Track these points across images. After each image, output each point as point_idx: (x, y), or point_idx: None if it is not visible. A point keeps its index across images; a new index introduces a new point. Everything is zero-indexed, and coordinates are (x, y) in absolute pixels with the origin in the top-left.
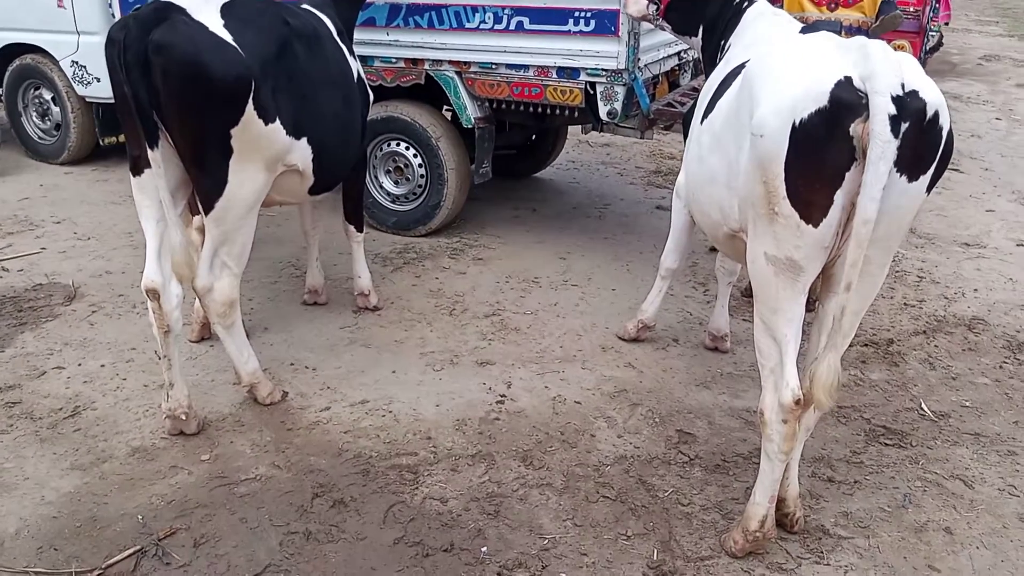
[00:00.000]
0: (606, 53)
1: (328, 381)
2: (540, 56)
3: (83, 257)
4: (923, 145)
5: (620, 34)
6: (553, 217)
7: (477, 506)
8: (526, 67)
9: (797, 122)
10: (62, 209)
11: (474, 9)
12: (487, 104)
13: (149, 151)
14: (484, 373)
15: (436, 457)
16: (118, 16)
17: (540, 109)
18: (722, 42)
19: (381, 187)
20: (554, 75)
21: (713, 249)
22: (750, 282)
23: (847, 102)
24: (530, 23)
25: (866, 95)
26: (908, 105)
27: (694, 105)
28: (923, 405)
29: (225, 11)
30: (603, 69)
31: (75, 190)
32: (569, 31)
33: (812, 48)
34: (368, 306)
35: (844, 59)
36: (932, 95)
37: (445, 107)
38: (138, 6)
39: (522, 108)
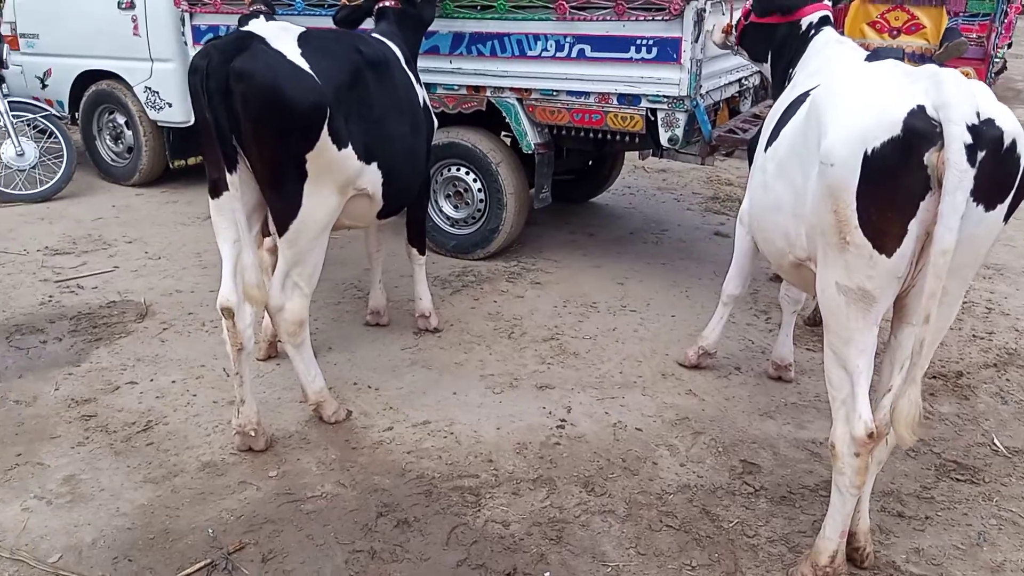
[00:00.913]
0: (668, 80)
1: (390, 401)
2: (601, 83)
3: (154, 276)
4: (1000, 174)
5: (682, 61)
6: (610, 242)
7: (539, 531)
8: (587, 94)
9: (869, 151)
10: (134, 229)
11: (536, 37)
12: (547, 130)
13: (228, 175)
14: (544, 397)
15: (497, 480)
16: (190, 44)
17: (600, 135)
18: (789, 69)
19: (441, 211)
20: (615, 102)
21: (775, 277)
22: (814, 311)
23: (921, 131)
24: (592, 51)
25: (940, 124)
26: (984, 134)
27: (759, 132)
28: (995, 440)
29: (302, 40)
30: (665, 96)
31: (146, 211)
32: (631, 58)
33: (881, 76)
34: (428, 328)
35: (915, 87)
36: (1008, 123)
37: (503, 133)
38: (211, 36)
39: (582, 134)
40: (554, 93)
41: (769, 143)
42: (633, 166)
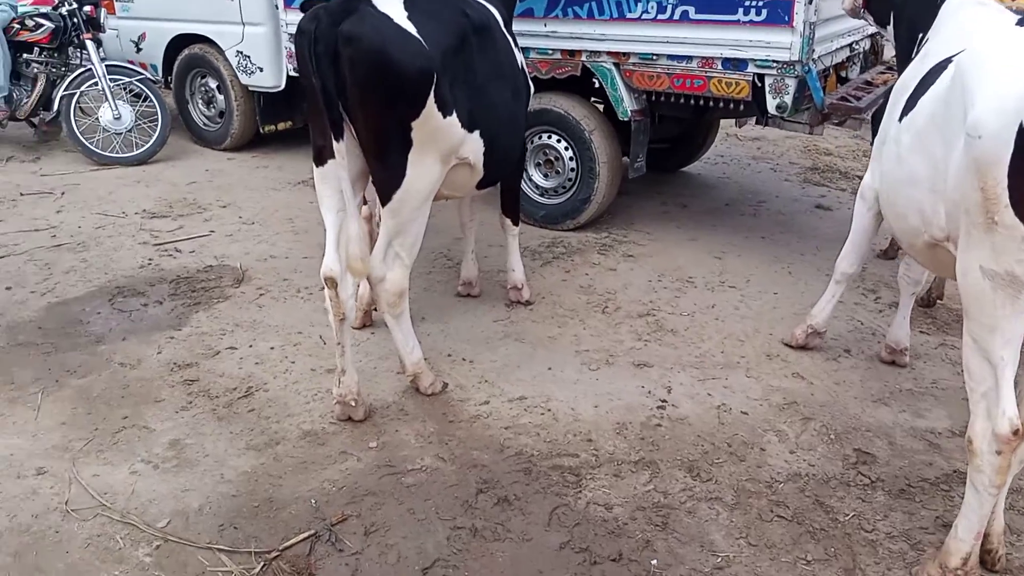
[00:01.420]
0: (778, 44)
1: (485, 374)
2: (705, 47)
3: (249, 241)
4: None
5: (795, 24)
6: (704, 214)
7: (644, 516)
8: (689, 58)
9: None
10: (227, 194)
11: None
12: (644, 96)
13: (334, 142)
14: (642, 375)
15: (598, 460)
16: (282, 7)
17: (700, 102)
18: (920, 35)
19: (530, 180)
20: (719, 66)
21: (884, 254)
22: (929, 291)
23: None
24: (696, 12)
25: None
26: None
27: (884, 102)
28: None
29: (408, 3)
30: (774, 60)
31: (238, 176)
32: (739, 21)
33: None
34: (520, 300)
35: None
36: None
37: (593, 99)
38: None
39: (681, 101)
40: (654, 57)
41: (904, 113)
42: (726, 134)
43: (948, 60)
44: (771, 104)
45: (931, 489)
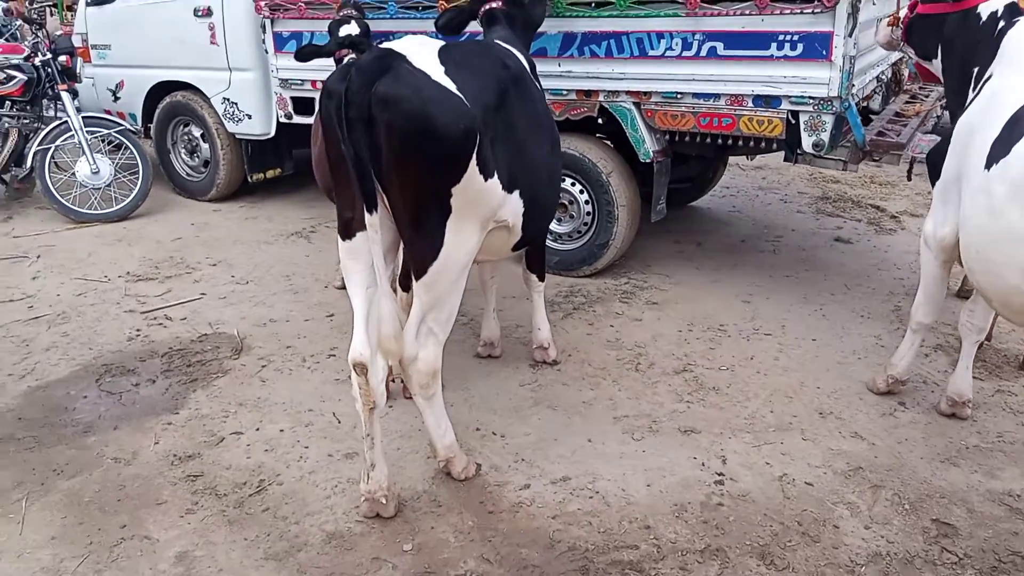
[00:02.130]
0: (816, 79)
1: (520, 451)
2: (735, 84)
3: (244, 303)
4: None
5: (833, 58)
6: (722, 252)
7: None
8: (717, 96)
9: None
10: (216, 250)
11: (660, 35)
12: (665, 137)
13: (367, 214)
14: (691, 444)
15: (660, 552)
16: (272, 52)
17: (728, 141)
18: (975, 69)
19: None
20: (750, 104)
21: (957, 294)
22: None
23: None
24: (724, 48)
25: None
26: None
27: (944, 141)
28: None
29: (444, 56)
30: (811, 97)
31: (226, 229)
32: (772, 56)
33: None
34: (547, 360)
35: None
36: None
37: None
38: (293, 43)
39: (707, 140)
40: (678, 96)
41: (992, 160)
42: (729, 164)
43: None
44: (807, 142)
45: (1021, 563)
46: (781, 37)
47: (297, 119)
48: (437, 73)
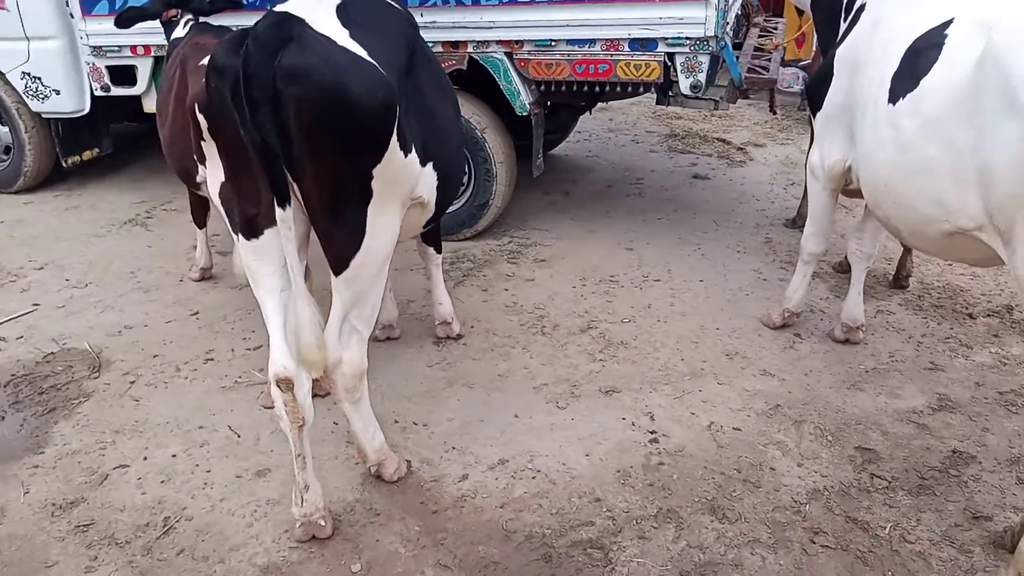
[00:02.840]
0: (692, 19)
1: (448, 439)
2: (610, 28)
3: (88, 311)
4: None
5: None
6: (591, 200)
7: None
8: (592, 41)
9: None
10: (39, 250)
11: None
12: (539, 87)
13: (278, 208)
14: (615, 404)
15: (616, 524)
16: (78, 16)
17: (604, 88)
18: (844, 1)
19: None
20: (626, 48)
21: (793, 223)
22: (898, 272)
23: None
24: None
25: None
26: None
27: (823, 75)
28: None
29: (343, 16)
30: (687, 37)
31: (44, 224)
32: None
33: None
34: (451, 335)
35: None
36: None
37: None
38: (105, 5)
39: (584, 88)
40: (552, 43)
41: (896, 93)
42: None
43: (939, 34)
44: (684, 84)
45: (942, 478)
46: None
47: (116, 91)
48: (342, 37)
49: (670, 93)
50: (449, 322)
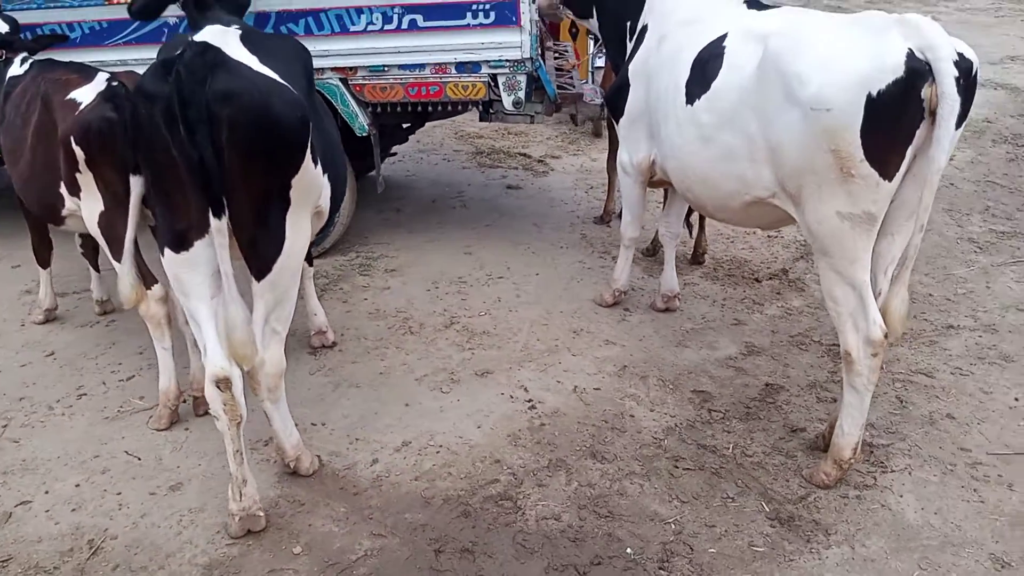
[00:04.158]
0: (509, 43)
1: (351, 432)
2: (438, 53)
3: None
4: (968, 98)
5: (522, 23)
6: (422, 214)
7: (588, 512)
8: (422, 66)
9: (874, 93)
10: None
11: (359, 11)
12: (375, 109)
13: (213, 219)
14: (492, 383)
15: (517, 478)
16: None
17: (434, 108)
18: (627, 22)
19: None
20: (454, 71)
21: (600, 220)
22: (696, 251)
23: (918, 70)
24: (424, 20)
25: (928, 63)
26: (960, 67)
27: (620, 89)
28: None
29: (248, 44)
30: (507, 60)
31: None
32: (468, 24)
33: (854, 25)
34: (327, 343)
35: (894, 32)
36: (972, 54)
37: None
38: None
39: (410, 109)
40: (384, 69)
41: (692, 96)
42: None
43: (719, 46)
44: (507, 101)
45: (762, 406)
46: (475, 7)
47: None
48: (255, 63)
49: (491, 110)
50: (324, 331)
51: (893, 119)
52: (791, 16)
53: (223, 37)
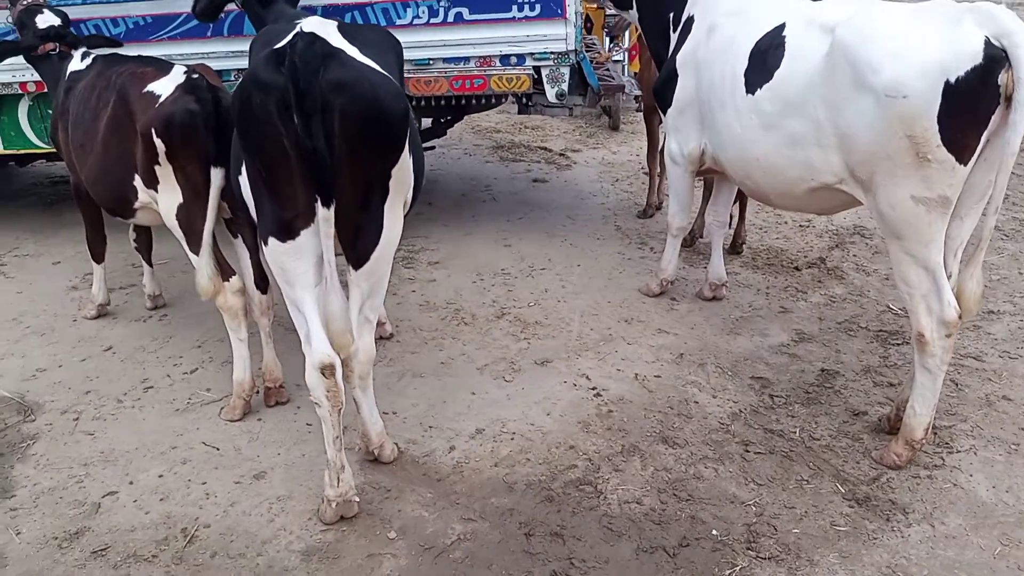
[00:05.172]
0: (555, 36)
1: (422, 420)
2: (483, 46)
3: None
4: None
5: (568, 16)
6: (454, 208)
7: (669, 496)
8: (467, 59)
9: (952, 80)
10: None
11: (405, 5)
12: (417, 103)
13: (322, 208)
14: (553, 372)
15: (594, 464)
16: None
17: (475, 101)
18: (670, 14)
19: None
20: (498, 63)
21: (644, 213)
22: (735, 240)
23: (996, 57)
24: (470, 13)
25: (1004, 49)
26: None
27: (669, 78)
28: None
29: (346, 35)
30: (551, 52)
31: None
32: (514, 18)
33: (926, 14)
34: (385, 335)
35: (968, 21)
36: None
37: None
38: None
39: (461, 101)
40: (429, 62)
41: (752, 85)
42: None
43: (778, 36)
44: (550, 93)
45: (821, 390)
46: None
47: None
48: (356, 54)
49: (530, 103)
50: (383, 322)
51: (970, 105)
52: (856, 6)
53: (325, 28)
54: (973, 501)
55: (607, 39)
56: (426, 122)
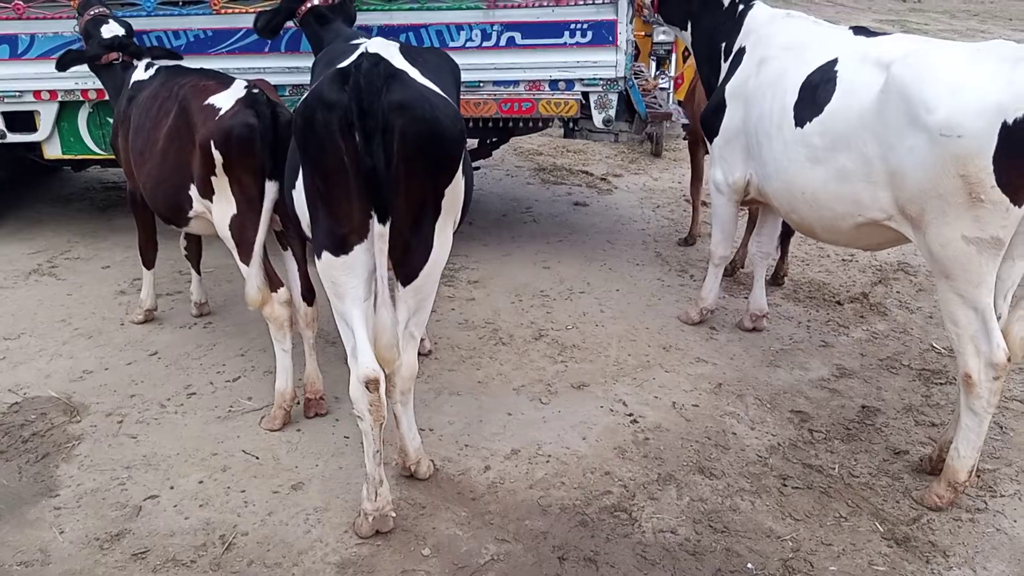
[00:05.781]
0: (605, 62)
1: (458, 439)
2: (533, 70)
3: (35, 360)
4: None
5: (619, 43)
6: (494, 228)
7: (704, 527)
8: (516, 83)
9: (1010, 121)
10: None
11: (459, 27)
12: (466, 124)
13: (378, 224)
14: (590, 396)
15: (629, 491)
16: None
17: (522, 124)
18: (722, 43)
19: None
20: (547, 88)
21: (685, 242)
22: (777, 272)
23: None
24: (523, 38)
25: None
26: None
27: (718, 107)
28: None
29: (408, 57)
30: (601, 78)
31: None
32: (565, 43)
33: (984, 54)
34: (423, 352)
35: (1020, 63)
36: None
37: None
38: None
39: (509, 124)
40: (479, 84)
41: (802, 119)
42: None
43: (830, 71)
44: (597, 119)
45: (862, 427)
46: (573, 26)
47: (12, 138)
48: (417, 75)
49: (576, 127)
50: (423, 339)
51: None
52: (912, 43)
53: (388, 50)
54: (1017, 547)
55: (653, 66)
56: (472, 143)
